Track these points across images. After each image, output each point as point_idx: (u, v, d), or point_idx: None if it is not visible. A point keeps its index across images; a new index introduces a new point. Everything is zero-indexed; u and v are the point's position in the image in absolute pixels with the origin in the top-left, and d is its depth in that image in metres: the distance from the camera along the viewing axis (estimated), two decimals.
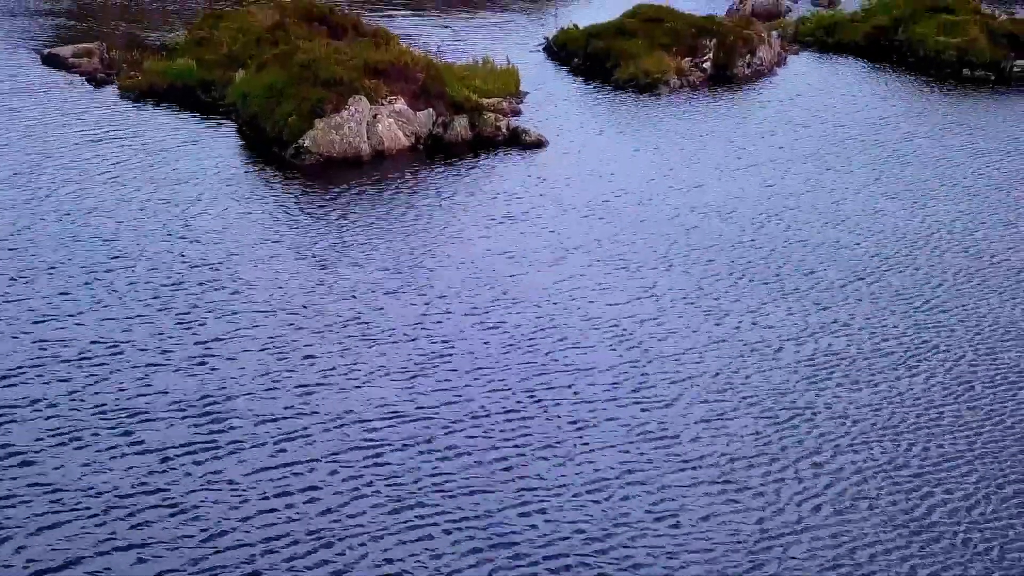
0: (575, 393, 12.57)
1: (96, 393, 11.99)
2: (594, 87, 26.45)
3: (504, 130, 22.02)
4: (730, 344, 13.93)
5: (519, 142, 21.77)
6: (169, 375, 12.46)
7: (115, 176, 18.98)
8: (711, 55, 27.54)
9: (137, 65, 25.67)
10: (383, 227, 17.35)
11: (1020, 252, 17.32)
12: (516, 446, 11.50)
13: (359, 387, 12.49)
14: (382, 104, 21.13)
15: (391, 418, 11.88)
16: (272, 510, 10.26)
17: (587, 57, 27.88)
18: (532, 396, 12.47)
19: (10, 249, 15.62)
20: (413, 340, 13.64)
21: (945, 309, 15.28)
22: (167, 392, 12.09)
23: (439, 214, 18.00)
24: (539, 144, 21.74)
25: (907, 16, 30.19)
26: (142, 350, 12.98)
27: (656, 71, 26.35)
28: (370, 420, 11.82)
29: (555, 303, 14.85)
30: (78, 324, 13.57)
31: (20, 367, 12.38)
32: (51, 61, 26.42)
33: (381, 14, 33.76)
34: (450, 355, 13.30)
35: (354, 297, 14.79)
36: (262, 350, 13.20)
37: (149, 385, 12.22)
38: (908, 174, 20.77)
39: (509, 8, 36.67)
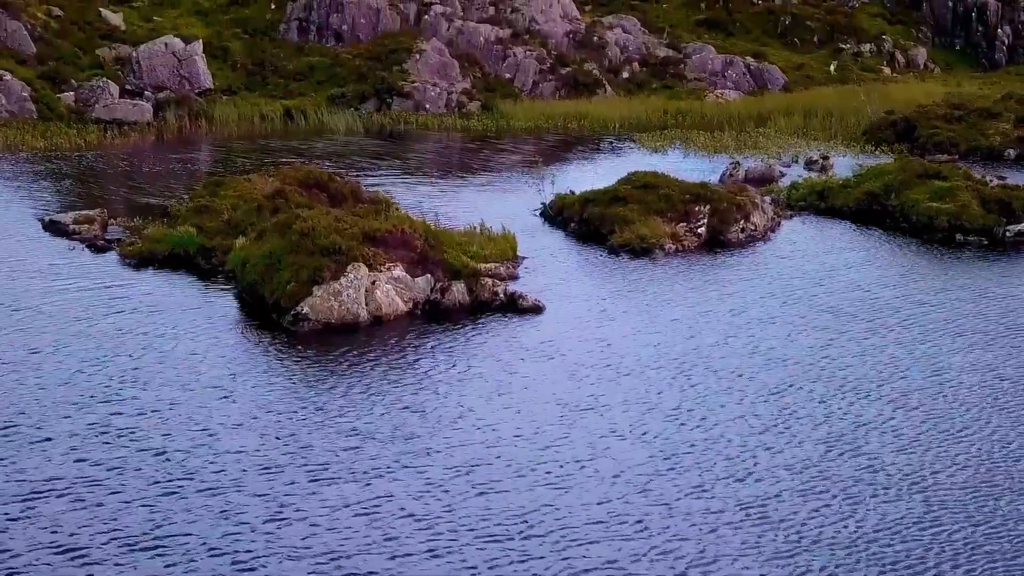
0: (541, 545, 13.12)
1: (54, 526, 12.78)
2: (590, 252, 26.69)
3: (501, 295, 22.14)
4: (662, 486, 14.68)
5: (516, 308, 21.86)
6: (127, 510, 13.53)
7: (108, 337, 19.21)
8: (705, 221, 27.86)
9: (138, 232, 25.97)
10: (372, 387, 17.54)
11: (941, 400, 17.76)
12: None
13: (324, 524, 13.40)
14: (380, 271, 21.29)
15: (353, 554, 12.79)
16: None
17: (583, 222, 28.20)
18: (484, 541, 13.27)
19: None
20: (382, 481, 14.54)
21: (871, 455, 15.75)
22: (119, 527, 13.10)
23: (429, 378, 18.12)
24: (536, 309, 21.84)
25: (898, 182, 30.60)
26: (106, 491, 14.04)
27: (651, 237, 26.63)
28: (329, 554, 12.77)
29: (534, 463, 15.25)
30: (46, 461, 14.64)
31: None
32: (52, 228, 26.73)
33: (380, 179, 34.28)
34: (409, 498, 14.16)
35: (331, 450, 15.35)
36: (236, 491, 14.12)
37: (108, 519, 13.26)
38: (858, 327, 21.19)
39: (506, 173, 37.24)
